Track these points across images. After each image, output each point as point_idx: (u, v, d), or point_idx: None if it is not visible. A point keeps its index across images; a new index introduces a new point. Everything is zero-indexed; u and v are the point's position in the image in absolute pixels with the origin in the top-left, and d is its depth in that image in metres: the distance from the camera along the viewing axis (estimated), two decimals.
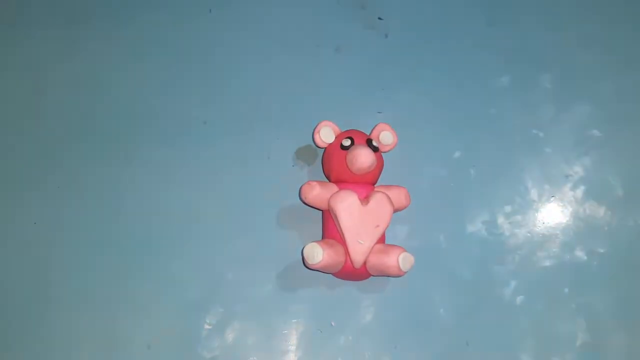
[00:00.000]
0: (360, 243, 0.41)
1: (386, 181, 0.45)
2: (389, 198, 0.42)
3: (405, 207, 0.44)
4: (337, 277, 0.43)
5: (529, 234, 0.47)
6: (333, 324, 0.43)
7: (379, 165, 0.44)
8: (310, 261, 0.39)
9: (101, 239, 0.43)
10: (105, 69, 0.48)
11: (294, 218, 0.45)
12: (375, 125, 0.45)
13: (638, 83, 0.52)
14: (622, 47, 0.53)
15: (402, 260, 0.40)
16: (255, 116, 0.47)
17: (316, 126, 0.44)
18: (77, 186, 0.44)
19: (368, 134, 0.45)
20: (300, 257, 0.43)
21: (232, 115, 0.47)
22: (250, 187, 0.46)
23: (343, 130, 0.45)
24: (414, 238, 0.46)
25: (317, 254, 0.39)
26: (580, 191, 0.48)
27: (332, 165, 0.43)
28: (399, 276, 0.42)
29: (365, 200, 0.42)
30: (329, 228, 0.43)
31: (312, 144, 0.45)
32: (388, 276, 0.43)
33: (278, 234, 0.45)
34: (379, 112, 0.48)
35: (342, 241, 0.41)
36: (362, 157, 0.41)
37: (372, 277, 0.43)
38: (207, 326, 0.42)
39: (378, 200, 0.42)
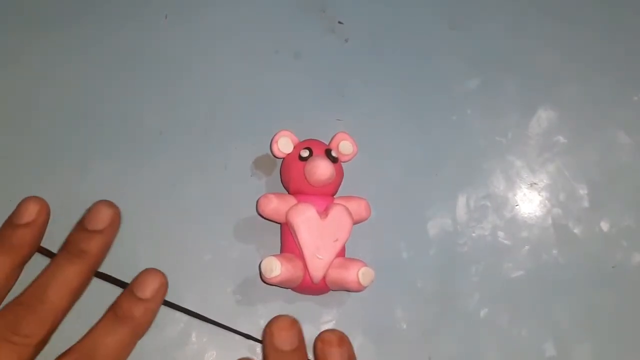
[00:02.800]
0: (319, 258, 0.40)
1: (347, 191, 0.44)
2: (348, 211, 0.41)
3: (365, 219, 0.43)
4: (296, 291, 0.42)
5: (493, 244, 0.46)
6: None
7: (339, 176, 0.42)
8: (267, 275, 0.38)
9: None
10: (55, 77, 0.46)
11: (252, 230, 0.44)
12: (335, 135, 0.44)
13: (603, 88, 0.51)
14: (588, 51, 0.52)
15: (362, 275, 0.39)
16: (212, 125, 0.46)
17: (274, 136, 0.43)
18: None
19: (327, 143, 0.44)
20: (258, 271, 0.42)
21: (188, 125, 0.46)
22: (206, 198, 0.44)
23: (302, 140, 0.43)
24: (375, 250, 0.45)
25: (275, 268, 0.38)
26: (545, 199, 0.48)
27: (290, 177, 0.42)
28: (359, 291, 0.41)
29: (324, 213, 0.41)
30: (287, 242, 0.42)
31: (271, 153, 0.44)
32: (348, 291, 0.42)
33: (235, 247, 0.44)
34: (339, 120, 0.47)
35: (301, 255, 0.40)
36: (321, 169, 0.40)
37: (332, 291, 0.42)
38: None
39: (337, 214, 0.41)
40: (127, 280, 0.38)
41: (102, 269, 0.39)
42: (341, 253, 0.41)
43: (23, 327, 0.31)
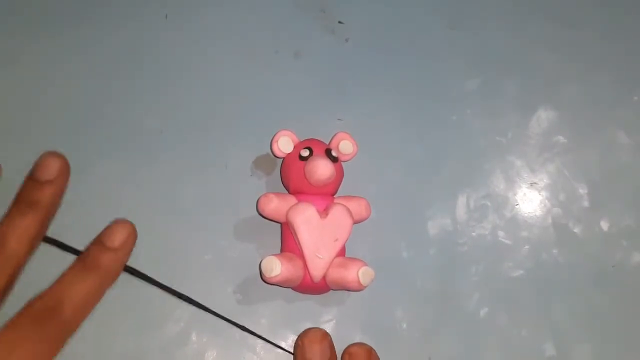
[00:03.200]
0: (319, 257, 0.40)
1: (347, 191, 0.44)
2: (348, 210, 0.41)
3: (365, 219, 0.43)
4: (296, 291, 0.42)
5: (493, 244, 0.46)
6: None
7: (339, 176, 0.42)
8: (267, 275, 0.38)
9: None
10: (55, 77, 0.46)
11: (252, 230, 0.44)
12: (335, 134, 0.44)
13: (603, 88, 0.51)
14: (588, 51, 0.52)
15: (362, 274, 0.40)
16: (212, 124, 0.46)
17: (274, 136, 0.43)
18: None
19: (328, 142, 0.44)
20: (258, 271, 0.42)
21: (189, 124, 0.46)
22: (207, 197, 0.44)
23: (302, 140, 0.43)
24: (375, 250, 0.45)
25: (275, 267, 0.38)
26: (545, 199, 0.48)
27: (290, 176, 0.42)
28: (359, 290, 0.41)
29: (324, 212, 0.41)
30: (287, 241, 0.42)
31: (271, 152, 0.44)
32: (348, 290, 0.42)
33: (235, 246, 0.44)
34: (339, 119, 0.47)
35: (301, 255, 0.40)
36: (321, 169, 0.40)
37: (332, 290, 0.42)
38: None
39: (337, 213, 0.41)
40: None
41: None
42: (341, 252, 0.41)
43: None
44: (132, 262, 0.41)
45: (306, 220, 0.40)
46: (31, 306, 0.32)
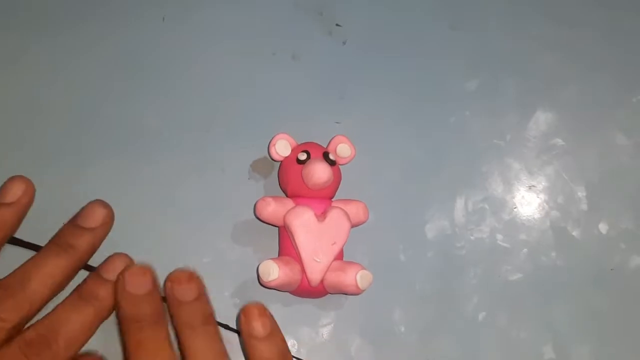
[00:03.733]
0: (316, 261, 0.40)
1: (345, 194, 0.44)
2: (346, 214, 0.41)
3: (363, 222, 0.43)
4: (294, 294, 0.42)
5: (491, 247, 0.46)
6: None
7: (337, 179, 0.42)
8: (265, 279, 0.38)
9: None
10: (54, 78, 0.46)
11: (250, 234, 0.44)
12: (333, 138, 0.44)
13: (602, 89, 0.51)
14: (587, 52, 0.52)
15: (360, 278, 0.39)
16: (209, 127, 0.46)
17: (271, 139, 0.43)
18: None
19: (325, 145, 0.44)
20: (256, 275, 0.42)
21: (186, 127, 0.46)
22: (204, 200, 0.44)
23: (299, 143, 0.43)
24: (373, 253, 0.45)
25: (273, 271, 0.38)
26: (543, 202, 0.48)
27: (288, 180, 0.42)
28: (357, 294, 0.41)
29: (322, 216, 0.41)
30: (285, 245, 0.41)
31: (269, 156, 0.43)
32: (346, 294, 0.42)
33: (233, 250, 0.43)
34: (337, 122, 0.47)
35: (299, 259, 0.40)
36: (318, 173, 0.40)
37: (330, 294, 0.42)
38: None
39: (335, 217, 0.41)
40: None
41: None
42: (339, 256, 0.41)
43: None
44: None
45: (304, 223, 0.40)
46: (23, 336, 0.32)
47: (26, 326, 0.33)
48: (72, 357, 0.33)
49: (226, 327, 0.41)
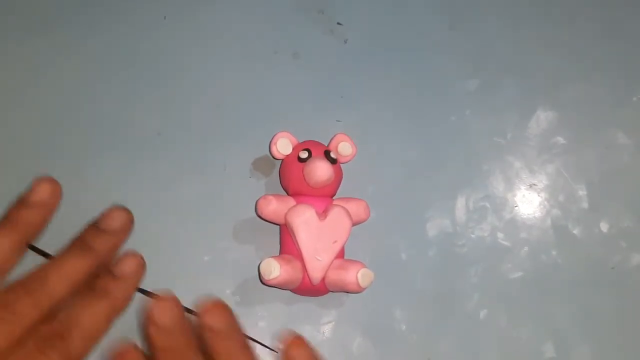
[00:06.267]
0: (318, 259, 0.40)
1: (346, 192, 0.44)
2: (347, 212, 0.41)
3: (364, 221, 0.43)
4: (295, 293, 0.42)
5: (492, 245, 0.46)
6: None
7: (338, 177, 0.42)
8: (266, 277, 0.38)
9: None
10: (54, 78, 0.46)
11: (251, 232, 0.44)
12: (334, 136, 0.44)
13: (603, 89, 0.51)
14: (587, 52, 0.52)
15: (362, 276, 0.40)
16: (210, 126, 0.46)
17: (272, 138, 0.43)
18: None
19: (327, 144, 0.44)
20: (257, 273, 0.42)
21: (187, 126, 0.46)
22: (205, 199, 0.44)
23: (301, 141, 0.43)
24: (374, 251, 0.45)
25: (274, 269, 0.38)
26: (544, 200, 0.48)
27: (289, 178, 0.42)
28: (358, 292, 0.41)
29: (323, 214, 0.41)
30: (286, 243, 0.41)
31: (270, 154, 0.43)
32: (347, 292, 0.42)
33: (234, 248, 0.43)
34: (338, 121, 0.47)
35: (300, 257, 0.40)
36: (319, 171, 0.40)
37: (331, 292, 0.42)
38: None
39: (336, 215, 0.41)
40: None
41: None
42: (340, 254, 0.41)
43: (17, 305, 0.31)
44: None
45: (305, 222, 0.40)
46: (38, 331, 0.32)
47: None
48: (89, 351, 0.33)
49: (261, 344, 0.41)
